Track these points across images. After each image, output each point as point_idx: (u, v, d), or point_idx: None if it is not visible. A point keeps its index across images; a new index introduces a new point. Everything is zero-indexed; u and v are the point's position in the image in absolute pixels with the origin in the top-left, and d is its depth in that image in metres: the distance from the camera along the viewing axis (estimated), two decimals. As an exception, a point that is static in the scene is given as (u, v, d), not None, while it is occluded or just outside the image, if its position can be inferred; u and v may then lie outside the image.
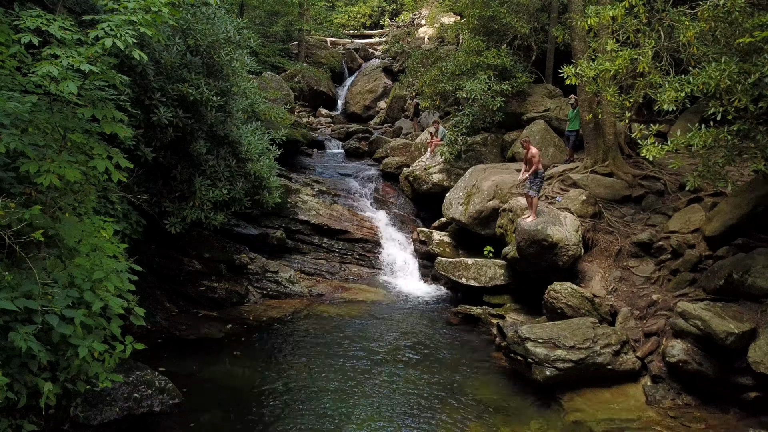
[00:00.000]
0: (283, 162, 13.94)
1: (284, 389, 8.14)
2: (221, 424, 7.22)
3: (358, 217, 14.61)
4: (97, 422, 5.72)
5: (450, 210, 13.44)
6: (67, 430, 5.56)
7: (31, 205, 4.53)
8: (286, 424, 7.25)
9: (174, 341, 9.49)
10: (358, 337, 9.95)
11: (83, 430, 5.64)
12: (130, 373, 6.40)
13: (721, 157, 8.22)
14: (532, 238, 10.10)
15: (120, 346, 4.79)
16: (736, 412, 7.53)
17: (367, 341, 9.78)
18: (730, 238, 9.19)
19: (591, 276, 10.40)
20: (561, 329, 8.59)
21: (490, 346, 9.89)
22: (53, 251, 4.75)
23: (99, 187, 6.55)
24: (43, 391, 4.12)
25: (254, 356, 9.20)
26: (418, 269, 13.73)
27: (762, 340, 7.31)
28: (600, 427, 7.36)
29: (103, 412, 5.82)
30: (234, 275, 11.66)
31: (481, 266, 11.62)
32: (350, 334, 10.09)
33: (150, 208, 9.32)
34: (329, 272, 13.18)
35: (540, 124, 15.01)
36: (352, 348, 9.55)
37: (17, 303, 3.94)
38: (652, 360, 8.42)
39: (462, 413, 7.70)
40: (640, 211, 11.64)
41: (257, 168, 10.64)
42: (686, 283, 9.34)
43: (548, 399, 8.10)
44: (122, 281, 4.91)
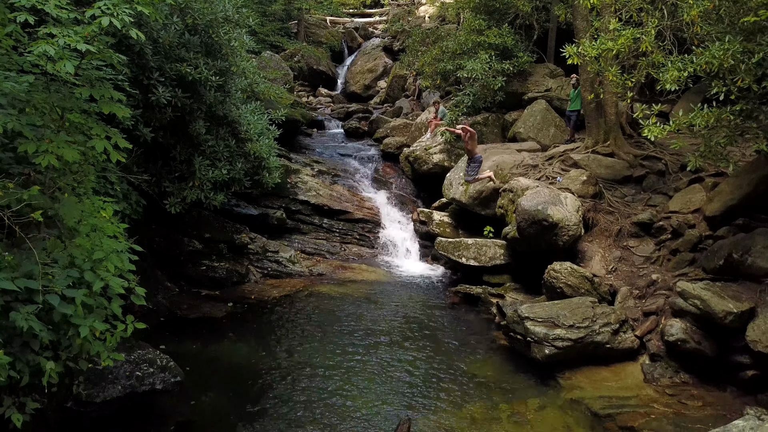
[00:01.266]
0: (282, 142, 13.90)
1: (285, 368, 8.21)
2: (222, 401, 7.29)
3: (359, 198, 14.60)
4: (100, 399, 5.79)
5: (450, 190, 13.42)
6: (71, 408, 5.63)
7: (30, 186, 4.52)
8: (287, 402, 7.33)
9: (175, 320, 9.55)
10: (358, 316, 10.01)
11: (86, 407, 5.71)
12: (132, 352, 6.46)
13: (723, 137, 8.19)
14: (533, 218, 10.10)
15: (121, 325, 4.81)
16: (733, 390, 7.60)
17: (367, 320, 9.84)
18: (730, 218, 9.18)
19: (591, 256, 10.42)
20: (560, 308, 8.64)
21: (490, 325, 9.96)
22: (53, 231, 4.75)
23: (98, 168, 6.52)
24: (46, 370, 4.15)
25: (255, 335, 9.26)
26: (418, 249, 13.76)
27: (760, 319, 7.35)
28: (598, 404, 7.43)
29: (105, 389, 5.88)
30: (234, 255, 11.70)
31: (481, 246, 11.64)
32: (350, 313, 10.14)
33: (150, 189, 9.31)
34: (329, 252, 13.22)
35: (541, 104, 14.93)
36: (352, 327, 9.61)
37: (18, 283, 3.95)
38: (651, 339, 8.47)
39: (461, 391, 7.78)
40: (640, 192, 11.62)
41: (257, 148, 10.60)
42: (686, 263, 9.36)
43: (547, 377, 8.17)
44: (122, 261, 4.92)
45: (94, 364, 4.95)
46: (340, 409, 7.21)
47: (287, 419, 6.95)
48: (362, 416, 7.08)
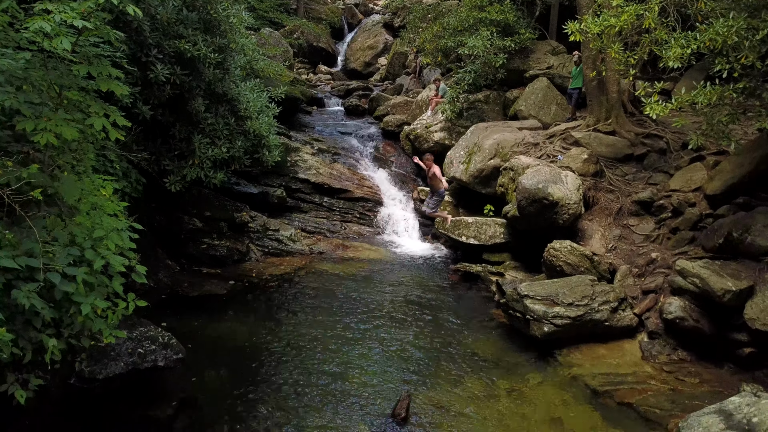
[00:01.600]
0: (282, 120, 13.83)
1: (286, 345, 8.28)
2: (224, 378, 7.37)
3: (359, 176, 14.57)
4: (102, 376, 5.84)
5: (451, 169, 13.39)
6: (74, 384, 5.69)
7: (29, 164, 4.50)
8: (288, 379, 7.40)
9: (177, 298, 9.60)
10: (358, 294, 10.06)
11: (89, 384, 5.76)
12: (134, 329, 6.51)
13: (726, 115, 8.14)
14: (533, 196, 10.09)
15: (122, 303, 4.83)
16: (730, 367, 7.67)
17: (367, 298, 9.89)
18: (731, 197, 9.17)
19: (591, 234, 10.43)
20: (560, 286, 8.67)
21: (489, 303, 10.02)
22: (53, 210, 4.74)
23: (97, 146, 6.50)
24: (48, 347, 4.18)
25: (256, 312, 9.32)
26: (418, 228, 13.78)
27: (759, 297, 7.39)
28: (596, 381, 7.51)
29: (108, 366, 5.94)
30: (235, 233, 11.72)
31: (481, 225, 11.65)
32: (351, 291, 10.19)
33: (149, 167, 9.29)
34: (330, 231, 13.24)
35: (542, 81, 14.82)
36: (352, 305, 9.67)
37: (19, 261, 3.96)
38: (650, 317, 8.53)
39: (460, 368, 7.85)
40: (641, 170, 11.60)
41: (256, 126, 10.55)
42: (686, 241, 9.37)
43: (546, 354, 8.24)
44: (123, 239, 4.92)
45: (96, 341, 4.98)
46: (340, 386, 7.28)
47: (288, 395, 7.03)
48: (363, 392, 7.15)
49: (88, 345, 4.81)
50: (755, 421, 5.65)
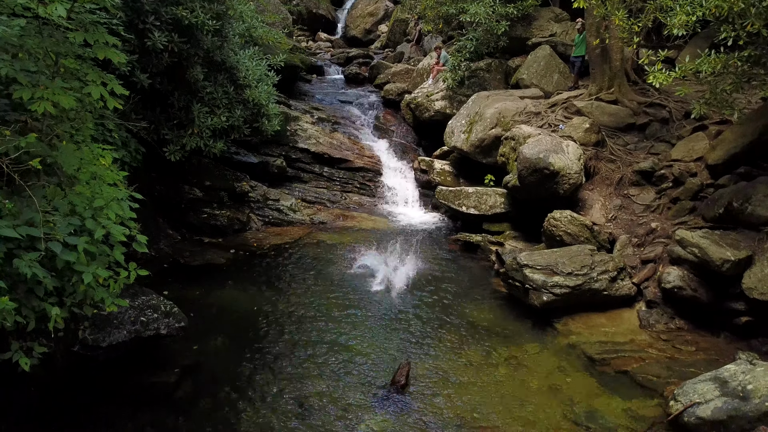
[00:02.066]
0: (281, 88, 13.71)
1: (287, 314, 8.35)
2: (226, 346, 7.46)
3: (359, 146, 14.50)
4: (106, 344, 5.92)
5: (452, 138, 13.32)
6: (78, 352, 5.76)
7: (27, 133, 4.47)
8: (289, 347, 7.49)
9: (178, 268, 9.66)
10: (358, 264, 10.10)
11: (93, 351, 5.84)
12: (136, 298, 6.56)
13: (730, 84, 8.05)
14: (534, 166, 10.06)
15: (124, 272, 4.86)
16: (726, 335, 7.75)
17: (367, 268, 9.94)
18: (732, 166, 9.14)
19: (591, 204, 10.43)
20: (559, 256, 8.71)
21: (489, 273, 10.07)
22: (52, 179, 4.73)
23: (95, 115, 6.46)
24: (51, 315, 4.22)
25: (257, 282, 9.38)
26: (419, 198, 13.77)
27: (757, 267, 7.42)
28: (593, 349, 7.60)
29: (111, 334, 6.01)
30: (235, 203, 11.72)
31: (482, 195, 11.64)
32: (351, 261, 10.23)
33: (148, 136, 9.25)
34: (330, 201, 13.23)
35: (545, 49, 14.63)
36: (352, 275, 9.73)
37: (19, 231, 3.96)
38: (648, 286, 8.58)
39: (459, 336, 7.93)
40: (643, 140, 11.53)
41: (255, 95, 10.46)
42: (686, 211, 9.37)
43: (544, 323, 8.32)
44: (123, 209, 4.92)
45: (99, 309, 5.03)
46: (340, 354, 7.37)
47: (289, 363, 7.13)
48: (362, 360, 7.25)
49: (91, 313, 4.86)
50: (750, 388, 5.74)
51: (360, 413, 6.25)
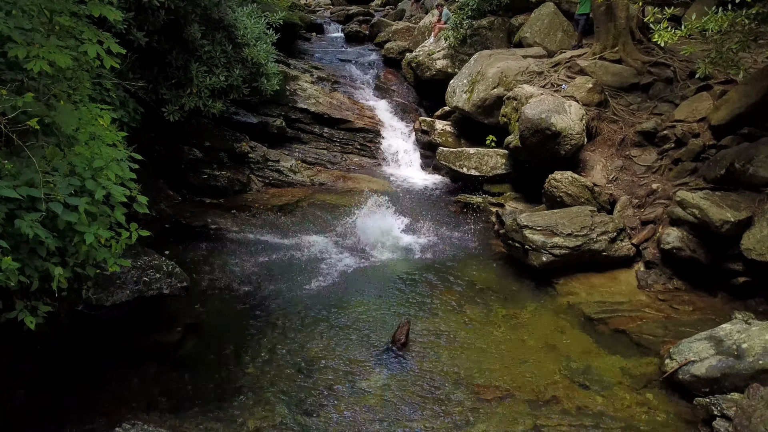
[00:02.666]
0: (280, 47, 13.49)
1: (288, 274, 8.43)
2: (227, 306, 7.55)
3: (359, 106, 14.36)
4: (109, 303, 5.99)
5: (453, 98, 13.17)
6: (82, 311, 5.84)
7: (24, 92, 4.42)
8: (290, 306, 7.58)
9: (180, 228, 9.69)
10: (359, 226, 10.12)
11: (97, 310, 5.92)
12: (138, 258, 6.61)
13: (736, 42, 7.92)
14: (536, 126, 9.98)
15: (125, 233, 4.87)
16: (723, 295, 7.83)
17: (368, 230, 9.96)
18: (736, 127, 9.06)
19: (592, 165, 10.39)
20: (559, 217, 8.73)
21: (489, 234, 10.11)
22: (51, 140, 4.70)
23: (92, 74, 6.37)
24: (54, 275, 4.25)
25: (259, 243, 9.43)
26: (420, 159, 13.71)
27: (757, 228, 7.44)
28: (592, 309, 7.69)
29: (114, 294, 6.08)
30: (235, 164, 11.68)
31: (483, 156, 11.59)
32: (352, 223, 10.25)
33: (146, 96, 9.14)
34: (330, 162, 13.18)
35: (549, 7, 14.33)
36: (353, 236, 9.76)
37: (20, 191, 3.95)
38: (647, 247, 8.62)
39: (459, 296, 8.02)
40: (646, 100, 11.41)
41: (254, 53, 10.30)
42: (687, 172, 9.34)
43: (543, 284, 8.40)
44: (123, 169, 4.90)
45: (102, 270, 5.06)
46: (342, 313, 7.47)
47: (291, 322, 7.23)
48: (364, 319, 7.35)
49: (94, 274, 4.89)
50: (744, 347, 5.83)
51: (361, 370, 6.37)
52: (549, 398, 6.04)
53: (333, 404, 5.83)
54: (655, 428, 5.61)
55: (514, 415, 5.77)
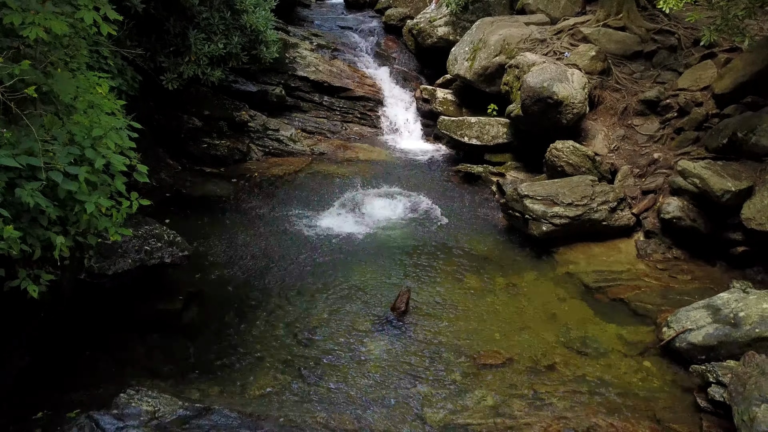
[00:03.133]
0: (279, 14, 13.28)
1: (289, 243, 8.46)
2: (229, 275, 7.61)
3: (359, 74, 14.20)
4: (111, 272, 6.04)
5: (455, 66, 13.02)
6: (84, 279, 5.89)
7: (21, 60, 4.38)
8: (291, 275, 7.64)
9: (180, 197, 9.70)
10: (359, 195, 10.13)
11: (99, 279, 5.97)
12: (139, 228, 6.64)
13: (742, 9, 7.79)
14: (538, 95, 9.89)
15: (126, 202, 4.88)
16: (722, 265, 7.87)
17: (368, 200, 9.97)
18: (739, 96, 8.98)
19: (594, 134, 10.33)
20: (560, 187, 8.72)
21: (490, 204, 10.12)
22: (49, 108, 4.67)
23: (89, 41, 6.29)
24: (56, 244, 4.26)
25: (259, 212, 9.45)
26: (421, 128, 13.62)
27: (757, 197, 7.44)
28: (591, 278, 7.74)
29: (116, 263, 6.12)
30: (235, 133, 11.62)
31: (484, 125, 11.52)
32: (352, 192, 10.26)
33: (145, 64, 9.06)
34: (330, 131, 13.10)
35: (553, -29, 14.05)
36: (354, 206, 9.77)
37: (19, 160, 3.94)
38: (647, 216, 8.64)
39: (459, 265, 8.07)
40: (650, 68, 11.28)
41: (253, 20, 10.16)
42: (689, 141, 9.30)
43: (543, 253, 8.44)
44: (122, 138, 4.88)
45: (103, 239, 5.08)
46: (342, 282, 7.53)
47: (291, 291, 7.29)
48: (364, 288, 7.41)
49: (95, 242, 4.91)
50: (741, 315, 5.89)
51: (362, 338, 6.45)
52: (547, 365, 6.12)
53: (334, 371, 5.92)
54: (651, 394, 5.71)
55: (513, 381, 5.86)
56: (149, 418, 4.78)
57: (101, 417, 4.69)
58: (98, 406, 4.86)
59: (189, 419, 4.87)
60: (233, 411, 5.07)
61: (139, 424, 4.69)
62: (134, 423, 4.69)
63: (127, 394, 4.96)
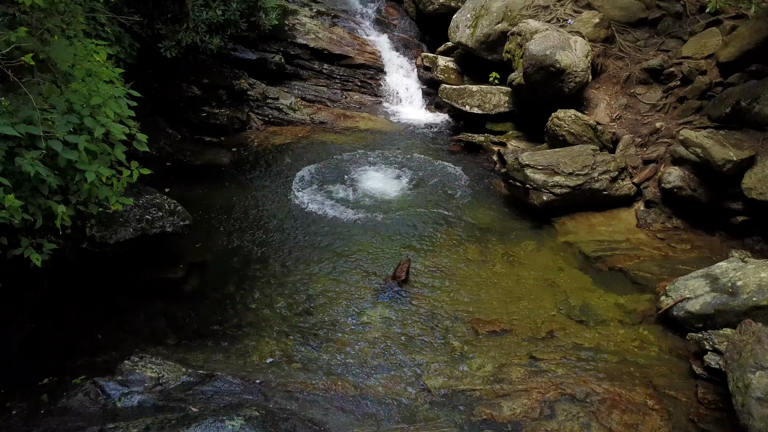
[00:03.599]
0: (279, -20, 13.04)
1: (289, 213, 8.48)
2: (230, 244, 7.64)
3: (360, 41, 14.02)
4: (113, 241, 6.06)
5: (456, 33, 12.84)
6: (86, 248, 5.92)
7: (17, 27, 4.33)
8: (291, 246, 7.67)
9: (180, 167, 9.68)
10: (360, 164, 10.11)
11: (101, 248, 6.00)
12: (140, 197, 6.64)
13: (749, -26, 7.66)
14: (540, 63, 9.78)
15: (126, 171, 4.87)
16: (721, 234, 7.89)
17: (369, 169, 9.96)
18: (744, 64, 8.88)
19: (596, 103, 10.25)
20: (561, 156, 8.69)
21: (490, 173, 10.10)
22: (47, 76, 4.63)
23: (86, 8, 6.21)
24: (57, 213, 4.28)
25: (260, 181, 9.44)
26: (422, 97, 13.51)
27: (759, 167, 7.42)
28: (590, 247, 7.77)
29: (117, 232, 6.14)
30: (234, 101, 11.54)
31: (486, 93, 11.42)
32: (353, 161, 10.24)
33: (142, 31, 8.94)
34: (330, 100, 13.00)
35: (557, -65, 13.75)
36: (354, 175, 9.76)
37: (18, 129, 3.93)
38: (648, 186, 8.63)
39: (458, 235, 8.09)
40: (654, 35, 11.12)
41: (252, -14, 10.00)
42: (692, 110, 9.23)
43: (543, 223, 8.46)
44: (121, 107, 4.86)
45: (104, 208, 5.10)
46: (342, 251, 7.56)
47: (292, 261, 7.33)
48: (365, 257, 7.45)
49: (96, 212, 4.93)
50: (739, 284, 5.93)
51: (363, 306, 6.51)
52: (545, 333, 6.20)
53: (336, 338, 6.00)
54: (648, 362, 5.79)
55: (512, 349, 5.94)
56: (153, 384, 4.87)
57: (106, 383, 4.78)
58: (102, 373, 4.94)
59: (192, 385, 4.95)
60: (236, 377, 5.16)
61: (143, 390, 4.78)
62: (139, 389, 4.78)
63: (131, 361, 5.05)
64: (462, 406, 5.17)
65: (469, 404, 5.18)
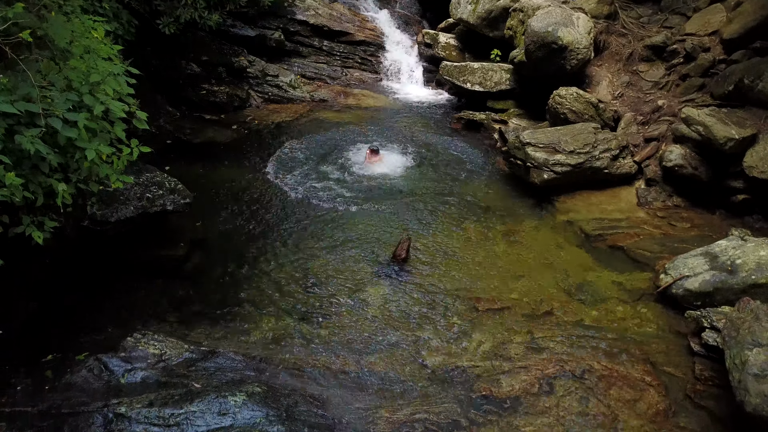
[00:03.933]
0: (278, -46, 12.85)
1: (289, 191, 8.47)
2: (231, 222, 7.65)
3: (360, 18, 13.89)
4: (114, 219, 6.07)
5: (458, 10, 12.70)
6: (87, 226, 5.93)
7: (13, 3, 4.28)
8: (291, 224, 7.68)
9: (180, 145, 9.66)
10: (360, 143, 10.07)
11: (102, 226, 6.00)
12: (141, 175, 6.63)
13: (755, -52, 7.55)
14: (542, 40, 9.69)
15: (126, 149, 4.87)
16: (722, 212, 7.89)
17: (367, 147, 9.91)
18: (748, 41, 8.79)
19: (598, 81, 10.18)
20: (562, 134, 8.65)
21: (491, 152, 10.07)
22: (45, 53, 4.59)
23: (83, -17, 6.13)
24: (58, 191, 4.28)
25: (260, 160, 9.42)
26: (422, 74, 13.42)
27: (760, 145, 7.40)
28: (590, 226, 7.78)
29: (118, 210, 6.14)
30: (234, 79, 11.47)
31: (487, 71, 11.34)
32: (353, 140, 10.21)
33: (140, 7, 8.85)
34: (330, 77, 12.91)
35: None
36: (355, 154, 9.73)
37: (17, 106, 3.91)
38: (649, 164, 8.61)
39: (459, 214, 8.10)
40: (658, 12, 11.01)
41: (250, -39, 9.86)
42: (695, 88, 9.17)
43: (544, 201, 8.45)
44: (120, 84, 4.83)
45: (105, 186, 5.10)
46: (343, 230, 7.57)
47: (293, 239, 7.35)
48: (366, 236, 7.46)
49: (97, 190, 4.93)
50: (738, 262, 5.95)
51: (363, 285, 6.54)
52: (545, 311, 6.23)
53: (336, 316, 6.04)
54: (647, 339, 5.83)
55: (511, 326, 5.98)
56: (156, 361, 4.92)
57: (109, 359, 4.82)
58: (106, 349, 4.99)
59: (195, 362, 5.00)
60: (238, 354, 5.21)
61: (146, 366, 4.82)
62: (142, 365, 4.83)
63: (134, 338, 5.09)
64: (461, 382, 5.23)
65: (468, 380, 5.24)
